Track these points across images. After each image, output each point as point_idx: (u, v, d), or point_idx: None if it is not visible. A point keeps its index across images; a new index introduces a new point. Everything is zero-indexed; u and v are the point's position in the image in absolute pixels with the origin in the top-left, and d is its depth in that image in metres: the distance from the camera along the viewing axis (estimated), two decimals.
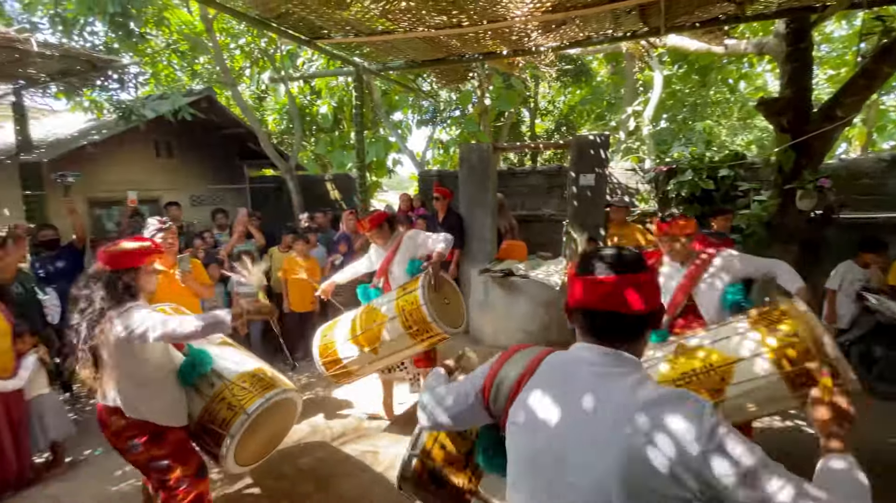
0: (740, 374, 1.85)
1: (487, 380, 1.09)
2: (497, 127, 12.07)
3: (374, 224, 3.11)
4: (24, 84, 5.23)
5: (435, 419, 1.17)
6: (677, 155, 5.44)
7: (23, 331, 2.86)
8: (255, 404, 2.05)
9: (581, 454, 0.88)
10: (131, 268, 1.93)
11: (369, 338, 2.79)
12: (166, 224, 3.19)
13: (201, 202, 7.57)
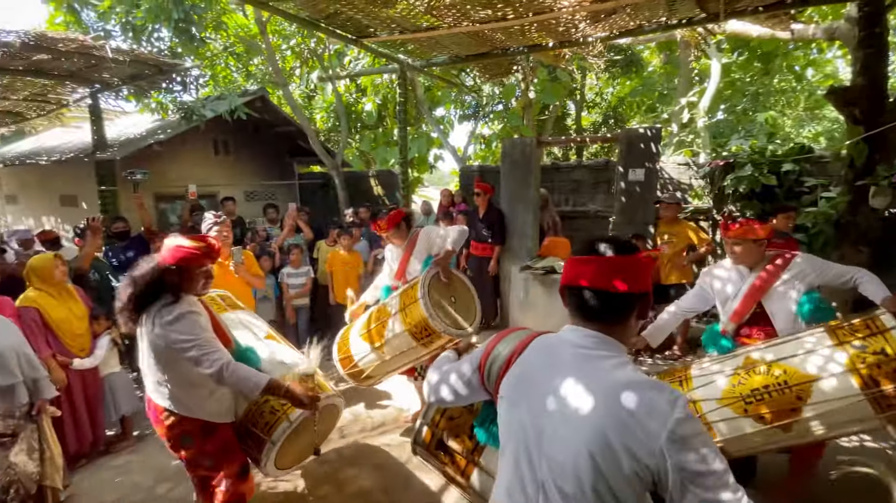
0: (820, 394, 1.70)
1: (483, 358, 1.16)
2: (541, 121, 11.83)
3: (391, 224, 2.96)
4: (100, 88, 5.69)
5: (439, 395, 1.26)
6: (735, 148, 5.10)
7: (98, 315, 3.14)
8: (299, 411, 2.00)
9: (558, 429, 0.94)
10: (185, 268, 1.87)
11: (376, 336, 2.61)
12: (221, 218, 3.40)
13: (254, 197, 7.97)
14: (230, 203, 5.76)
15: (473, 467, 1.52)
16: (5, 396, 2.37)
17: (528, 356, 1.07)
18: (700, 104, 7.97)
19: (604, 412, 0.88)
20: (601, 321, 1.00)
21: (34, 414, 2.54)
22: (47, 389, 2.54)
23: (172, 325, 1.75)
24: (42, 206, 7.55)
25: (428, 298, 2.39)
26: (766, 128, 6.34)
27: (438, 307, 2.43)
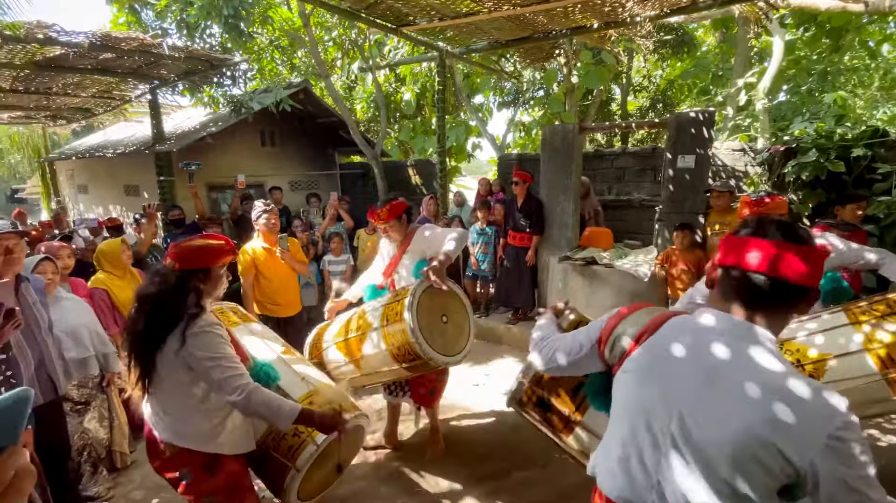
0: (834, 372, 1.69)
1: (604, 332, 1.18)
2: (584, 106, 11.45)
3: (392, 214, 2.58)
4: (158, 84, 6.04)
5: (553, 363, 1.30)
6: (799, 132, 4.72)
7: None
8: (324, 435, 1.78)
9: (696, 414, 0.93)
10: (202, 269, 1.67)
11: (355, 349, 2.35)
12: (269, 206, 3.56)
13: (298, 187, 8.24)
14: (277, 192, 6.00)
15: (574, 426, 1.60)
16: (80, 368, 2.61)
17: (663, 337, 1.05)
18: (759, 85, 7.41)
19: (756, 406, 0.87)
20: (764, 309, 0.95)
21: (104, 385, 2.78)
22: (115, 363, 2.77)
23: (194, 341, 1.54)
24: (109, 195, 8.16)
25: (416, 319, 2.08)
26: (834, 109, 5.81)
27: (427, 329, 2.13)
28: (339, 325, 2.53)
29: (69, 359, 2.50)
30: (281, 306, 3.63)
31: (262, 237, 3.53)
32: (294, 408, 1.59)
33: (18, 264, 2.11)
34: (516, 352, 4.60)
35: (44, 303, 2.27)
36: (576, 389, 1.58)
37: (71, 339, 2.54)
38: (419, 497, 2.52)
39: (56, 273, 2.56)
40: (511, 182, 4.88)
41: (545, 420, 1.68)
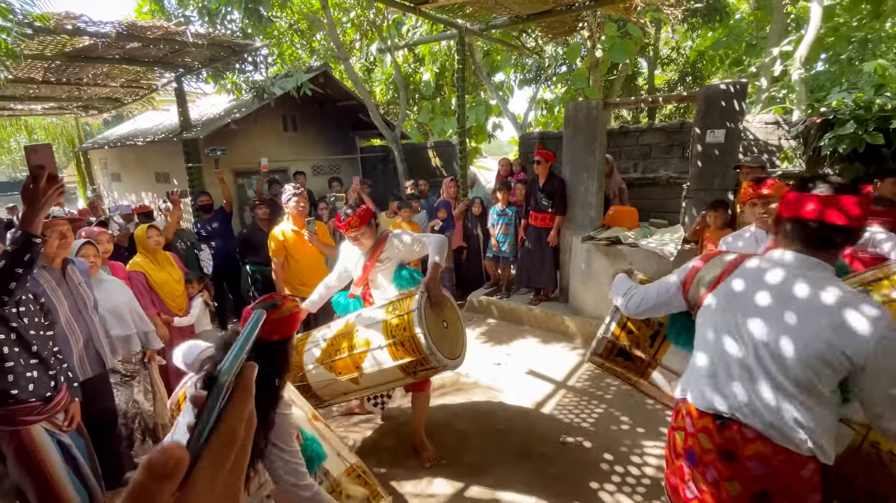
0: None
1: (688, 276, 1.46)
2: (609, 81, 11.10)
3: (363, 221, 2.52)
4: (183, 72, 6.15)
5: (645, 304, 1.57)
6: (837, 103, 4.46)
7: (191, 279, 3.52)
8: None
9: (776, 331, 1.20)
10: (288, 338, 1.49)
11: (349, 366, 2.34)
12: (299, 190, 3.63)
13: (320, 171, 8.33)
14: (301, 177, 6.11)
15: (653, 369, 1.87)
16: (124, 344, 2.77)
17: (742, 274, 1.32)
18: (796, 54, 7.01)
19: (825, 319, 1.12)
20: (824, 250, 1.22)
21: (146, 361, 2.95)
22: (155, 341, 2.93)
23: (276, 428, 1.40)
24: (141, 183, 8.45)
25: (427, 334, 2.15)
26: (873, 78, 5.46)
27: (437, 340, 2.20)
28: (320, 345, 2.48)
29: (114, 336, 2.65)
30: (309, 287, 3.73)
31: (292, 220, 3.62)
32: None
33: (69, 248, 2.29)
34: (538, 332, 4.62)
35: (88, 285, 2.42)
36: (653, 337, 1.86)
37: (114, 318, 2.69)
38: (449, 469, 2.60)
39: (97, 256, 2.70)
40: (532, 161, 4.81)
41: (626, 368, 1.94)
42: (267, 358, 1.40)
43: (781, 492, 1.25)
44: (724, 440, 1.30)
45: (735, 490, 1.30)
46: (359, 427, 3.07)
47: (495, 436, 2.88)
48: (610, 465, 2.56)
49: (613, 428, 2.91)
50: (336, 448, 1.91)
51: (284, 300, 1.52)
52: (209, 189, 5.70)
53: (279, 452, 1.38)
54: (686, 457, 1.41)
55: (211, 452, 0.33)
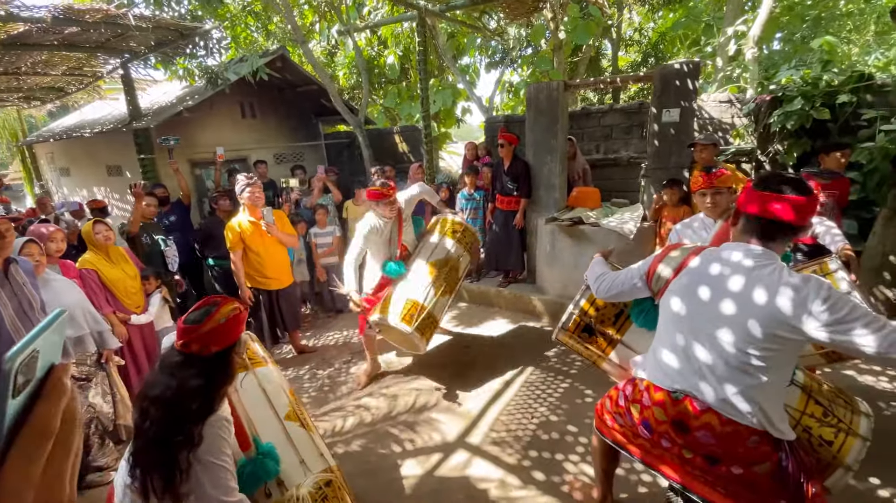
0: None
1: (652, 265, 1.61)
2: (573, 63, 11.17)
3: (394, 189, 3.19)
4: (129, 57, 5.83)
5: (613, 290, 1.74)
6: (786, 80, 4.65)
7: (148, 275, 3.40)
8: None
9: (733, 309, 1.34)
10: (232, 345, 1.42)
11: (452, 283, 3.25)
12: (253, 179, 3.52)
13: (283, 159, 8.11)
14: (262, 166, 5.93)
15: (616, 344, 2.00)
16: (76, 346, 2.66)
17: (700, 264, 1.47)
18: (750, 33, 7.22)
19: (774, 297, 1.27)
20: (774, 242, 1.36)
21: (103, 362, 2.85)
22: (111, 341, 2.82)
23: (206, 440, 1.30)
24: (92, 177, 8.02)
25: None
26: (822, 55, 5.70)
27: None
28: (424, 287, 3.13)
29: (65, 338, 2.55)
30: (271, 279, 3.69)
31: (248, 211, 3.53)
32: None
33: (9, 248, 2.17)
34: (507, 313, 4.69)
35: (34, 285, 2.30)
36: (617, 316, 2.00)
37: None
38: None
39: (42, 255, 2.57)
40: (498, 145, 4.83)
41: (589, 343, 2.08)
42: (203, 372, 1.33)
43: (727, 457, 1.41)
44: (677, 412, 1.45)
45: (688, 454, 1.48)
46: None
47: (467, 409, 2.94)
48: (574, 437, 2.66)
49: (578, 401, 3.01)
50: (303, 455, 1.78)
51: (220, 305, 1.42)
52: (165, 181, 5.47)
53: (207, 467, 1.28)
54: (642, 426, 1.57)
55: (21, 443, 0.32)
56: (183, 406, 1.29)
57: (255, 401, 1.92)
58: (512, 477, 2.39)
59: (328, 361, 3.90)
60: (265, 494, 1.60)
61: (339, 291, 3.25)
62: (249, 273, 3.60)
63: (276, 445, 1.70)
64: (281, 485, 1.64)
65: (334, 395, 3.36)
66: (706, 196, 2.33)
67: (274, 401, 1.97)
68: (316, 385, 3.54)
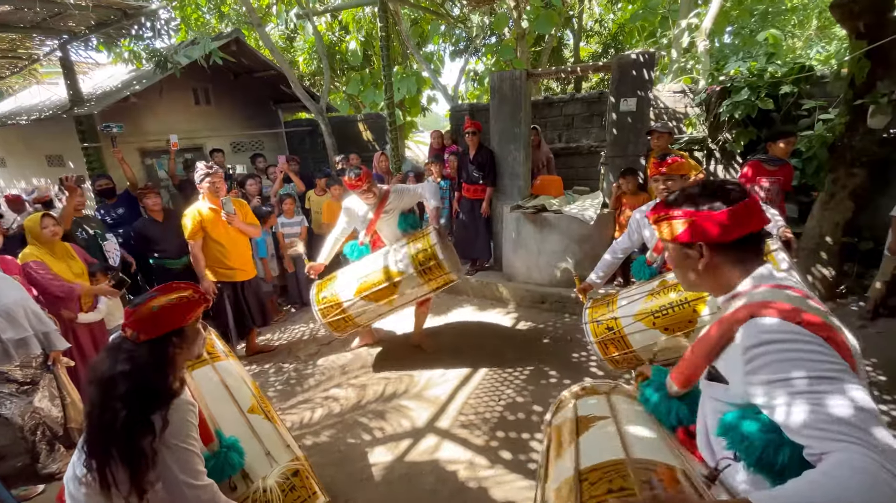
0: (711, 306, 2.09)
1: None
2: (536, 52, 11.26)
3: (367, 179, 3.12)
4: (68, 38, 5.42)
5: None
6: (734, 72, 4.88)
7: (96, 271, 3.21)
8: None
9: None
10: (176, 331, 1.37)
11: (386, 294, 3.06)
12: (213, 168, 3.36)
13: (241, 148, 7.80)
14: (218, 155, 5.69)
15: None
16: (19, 348, 2.50)
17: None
18: (702, 26, 7.50)
19: None
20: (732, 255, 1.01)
21: (50, 364, 2.69)
22: (58, 341, 2.66)
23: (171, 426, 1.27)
24: (30, 168, 7.45)
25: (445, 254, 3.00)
26: (767, 48, 6.02)
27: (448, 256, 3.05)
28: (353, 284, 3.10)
29: (6, 340, 2.39)
30: (235, 270, 3.55)
31: (209, 200, 3.39)
32: None
33: None
34: (475, 301, 4.76)
35: None
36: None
37: (4, 320, 2.41)
38: None
39: None
40: (464, 133, 4.83)
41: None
42: (131, 359, 1.28)
43: None
44: None
45: None
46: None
47: (436, 394, 2.98)
48: (539, 417, 2.75)
49: (543, 382, 3.11)
50: (268, 447, 1.76)
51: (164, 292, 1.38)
52: (112, 171, 5.16)
53: (175, 451, 1.25)
54: None
55: None
56: (141, 391, 1.26)
57: (217, 397, 1.88)
58: (480, 457, 2.46)
59: (294, 354, 3.84)
60: (230, 488, 1.57)
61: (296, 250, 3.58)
62: (212, 266, 3.45)
63: (240, 439, 1.67)
64: (246, 477, 1.61)
65: (301, 388, 3.31)
66: (659, 182, 2.45)
67: (236, 395, 1.94)
68: (282, 378, 3.48)
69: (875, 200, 3.92)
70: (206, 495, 1.29)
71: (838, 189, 3.83)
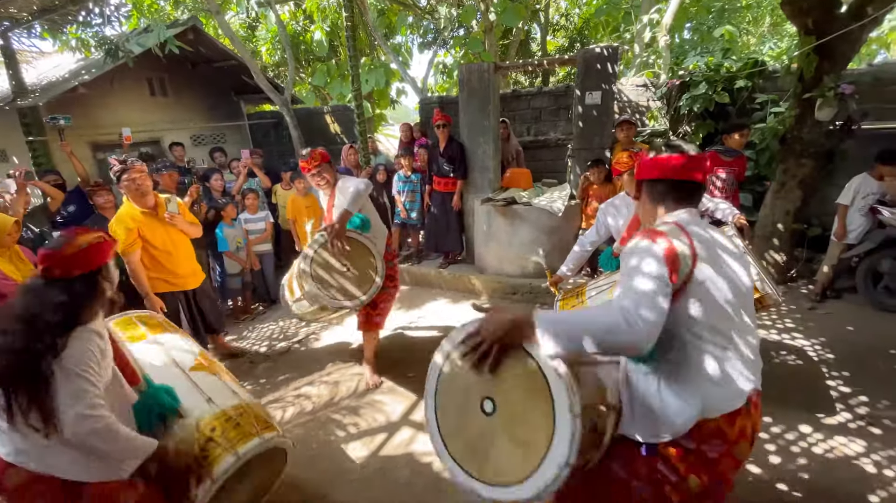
0: None
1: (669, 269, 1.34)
2: (504, 46, 11.31)
3: (322, 159, 2.77)
4: (9, 25, 5.05)
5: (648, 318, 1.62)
6: (692, 66, 5.06)
7: None
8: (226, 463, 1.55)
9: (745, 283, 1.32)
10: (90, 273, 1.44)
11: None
12: (129, 161, 2.86)
13: (202, 141, 7.50)
14: (178, 149, 5.45)
15: None
16: None
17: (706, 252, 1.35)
18: (663, 21, 7.73)
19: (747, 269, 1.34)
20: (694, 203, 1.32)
21: None
22: None
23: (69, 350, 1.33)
24: None
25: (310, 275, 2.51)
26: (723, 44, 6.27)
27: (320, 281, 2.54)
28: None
29: None
30: (184, 277, 3.16)
31: (135, 202, 2.91)
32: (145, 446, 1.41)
33: None
34: (448, 293, 4.77)
35: None
36: None
37: None
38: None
39: None
40: (435, 126, 4.81)
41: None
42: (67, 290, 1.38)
43: None
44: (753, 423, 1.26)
45: None
46: None
47: (413, 389, 2.98)
48: None
49: None
50: (210, 395, 1.76)
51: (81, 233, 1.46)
52: (61, 167, 4.86)
53: (69, 376, 1.29)
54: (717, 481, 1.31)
55: None
56: (44, 317, 1.32)
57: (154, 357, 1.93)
58: None
59: (264, 353, 3.75)
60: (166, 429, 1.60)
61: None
62: (158, 277, 3.02)
63: (180, 392, 1.72)
64: (183, 417, 1.65)
65: (272, 387, 3.24)
66: (624, 175, 2.54)
67: (178, 359, 1.96)
68: (252, 378, 3.39)
69: (823, 189, 4.17)
70: (99, 424, 1.29)
71: (788, 179, 4.04)
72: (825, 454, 2.28)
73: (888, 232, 3.61)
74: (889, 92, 4.48)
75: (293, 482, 2.26)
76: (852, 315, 3.68)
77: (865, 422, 2.46)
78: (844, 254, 3.81)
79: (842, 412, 2.56)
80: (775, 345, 3.31)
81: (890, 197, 3.65)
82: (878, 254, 3.68)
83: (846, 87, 3.56)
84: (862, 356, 3.07)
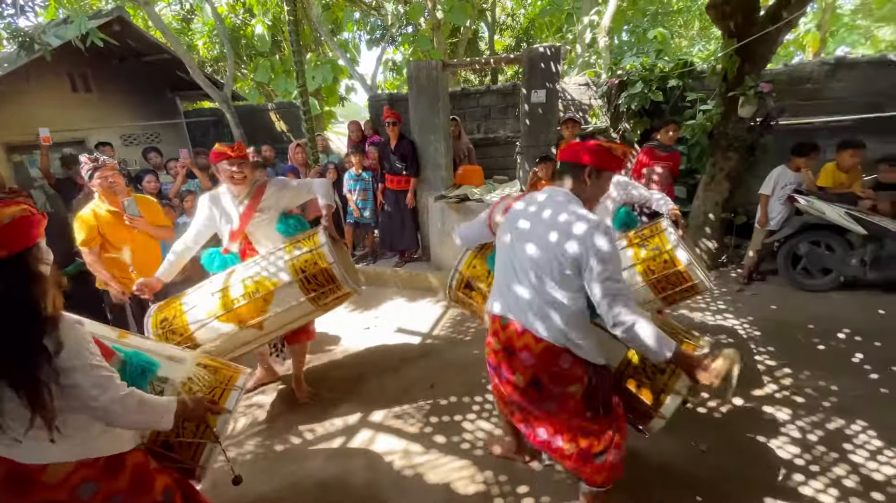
0: None
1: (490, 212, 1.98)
2: (453, 44, 11.38)
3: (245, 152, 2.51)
4: None
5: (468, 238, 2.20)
6: (629, 66, 5.34)
7: None
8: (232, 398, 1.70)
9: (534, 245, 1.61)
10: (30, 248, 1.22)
11: (253, 311, 2.32)
12: (98, 160, 2.84)
13: (134, 141, 7.00)
14: (107, 149, 5.06)
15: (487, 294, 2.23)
16: None
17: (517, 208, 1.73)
18: (602, 23, 8.09)
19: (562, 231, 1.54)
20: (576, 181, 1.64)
21: None
22: None
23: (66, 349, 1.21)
24: None
25: (338, 263, 2.31)
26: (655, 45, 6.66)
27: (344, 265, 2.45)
28: (208, 301, 2.35)
29: None
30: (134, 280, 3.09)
31: (106, 201, 2.87)
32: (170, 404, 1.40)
33: None
34: (405, 292, 4.75)
35: None
36: (488, 274, 2.29)
37: None
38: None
39: None
40: (384, 123, 4.76)
41: (471, 298, 2.39)
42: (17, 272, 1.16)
43: (546, 378, 1.63)
44: (506, 337, 1.70)
45: (520, 381, 1.68)
46: None
47: (369, 389, 2.94)
48: (471, 398, 2.84)
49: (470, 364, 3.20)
50: (168, 354, 1.75)
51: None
52: None
53: (81, 370, 1.19)
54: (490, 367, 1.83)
55: None
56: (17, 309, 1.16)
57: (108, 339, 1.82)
58: (415, 445, 2.47)
59: None
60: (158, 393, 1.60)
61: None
62: (117, 277, 2.94)
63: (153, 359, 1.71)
64: (166, 380, 1.65)
65: None
66: None
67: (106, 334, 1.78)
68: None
69: (747, 181, 4.53)
70: (131, 401, 1.27)
71: (717, 171, 4.36)
72: (756, 422, 2.49)
73: (805, 218, 3.99)
74: (803, 90, 4.94)
75: (250, 497, 2.17)
76: (775, 295, 4.04)
77: (790, 392, 2.72)
78: (767, 240, 4.16)
79: (769, 384, 2.81)
80: (712, 326, 3.57)
81: (805, 186, 4.03)
82: (796, 238, 4.06)
83: (765, 86, 3.88)
84: (784, 332, 3.38)
